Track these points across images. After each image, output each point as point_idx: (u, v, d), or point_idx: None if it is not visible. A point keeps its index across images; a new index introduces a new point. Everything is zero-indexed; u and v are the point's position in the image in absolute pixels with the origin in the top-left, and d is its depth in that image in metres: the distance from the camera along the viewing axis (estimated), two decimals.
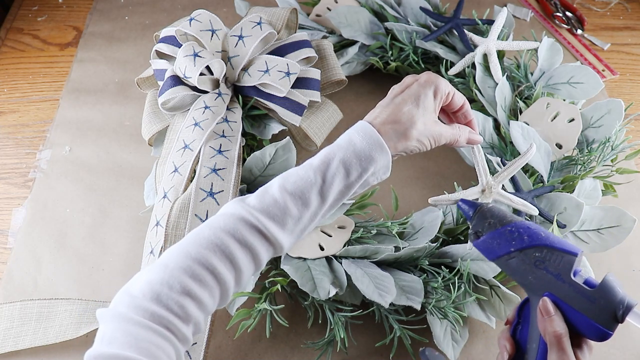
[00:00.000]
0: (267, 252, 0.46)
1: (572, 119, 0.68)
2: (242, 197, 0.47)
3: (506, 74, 0.75)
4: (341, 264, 0.61)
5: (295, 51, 0.71)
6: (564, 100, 0.71)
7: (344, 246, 0.62)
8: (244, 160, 0.65)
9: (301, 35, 0.73)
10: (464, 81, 0.79)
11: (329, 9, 0.85)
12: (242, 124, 0.68)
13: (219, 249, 0.43)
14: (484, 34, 0.81)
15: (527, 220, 0.50)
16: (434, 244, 0.62)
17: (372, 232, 0.64)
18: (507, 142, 0.71)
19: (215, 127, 0.65)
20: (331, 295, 0.57)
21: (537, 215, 0.61)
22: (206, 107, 0.66)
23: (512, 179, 0.65)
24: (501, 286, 0.60)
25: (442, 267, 0.62)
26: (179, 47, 0.68)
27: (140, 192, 0.72)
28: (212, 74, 0.69)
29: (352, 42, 0.84)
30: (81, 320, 0.64)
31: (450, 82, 0.79)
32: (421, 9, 0.83)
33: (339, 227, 0.64)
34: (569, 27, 0.98)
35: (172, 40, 0.70)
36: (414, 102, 0.50)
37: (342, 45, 0.85)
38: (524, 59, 0.77)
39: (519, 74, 0.76)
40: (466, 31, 0.80)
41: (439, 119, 0.53)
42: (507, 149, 0.70)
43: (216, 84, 0.69)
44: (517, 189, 0.64)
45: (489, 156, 0.68)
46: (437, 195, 0.60)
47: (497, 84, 0.74)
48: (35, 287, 0.68)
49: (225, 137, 0.65)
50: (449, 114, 0.56)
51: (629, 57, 0.94)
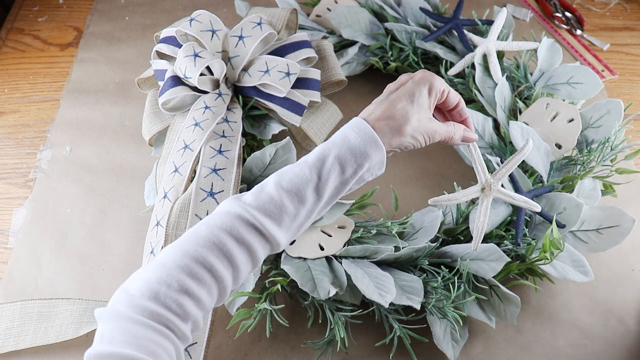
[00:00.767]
0: (264, 249, 0.46)
1: (572, 119, 0.68)
2: (239, 195, 0.47)
3: (506, 74, 0.75)
4: (341, 263, 0.61)
5: (295, 51, 0.71)
6: (564, 100, 0.72)
7: (344, 246, 0.62)
8: (244, 160, 0.65)
9: (301, 35, 0.73)
10: (463, 81, 0.79)
11: (329, 9, 0.85)
12: (242, 124, 0.68)
13: (216, 247, 0.43)
14: (483, 34, 0.81)
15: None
16: (434, 244, 0.62)
17: (372, 232, 0.64)
18: (507, 142, 0.71)
19: (215, 127, 0.65)
20: (331, 295, 0.57)
21: (539, 212, 0.61)
22: (206, 107, 0.66)
23: (512, 179, 0.65)
24: (500, 286, 0.61)
25: (442, 267, 0.62)
26: (179, 48, 0.68)
27: (140, 192, 0.72)
28: (212, 74, 0.69)
29: (352, 43, 0.84)
30: (81, 320, 0.64)
31: (450, 82, 0.79)
32: (421, 9, 0.83)
33: (339, 227, 0.64)
34: (569, 27, 0.98)
35: (172, 40, 0.70)
36: (408, 98, 0.50)
37: (342, 45, 0.85)
38: (523, 60, 0.78)
39: (519, 74, 0.76)
40: (466, 31, 0.80)
41: (434, 117, 0.53)
42: (506, 149, 0.70)
43: (216, 84, 0.69)
44: (517, 189, 0.64)
45: (488, 156, 0.69)
46: (436, 195, 0.60)
47: (496, 84, 0.74)
48: (35, 287, 0.69)
49: (225, 137, 0.65)
50: (444, 113, 0.56)
51: (629, 58, 0.95)
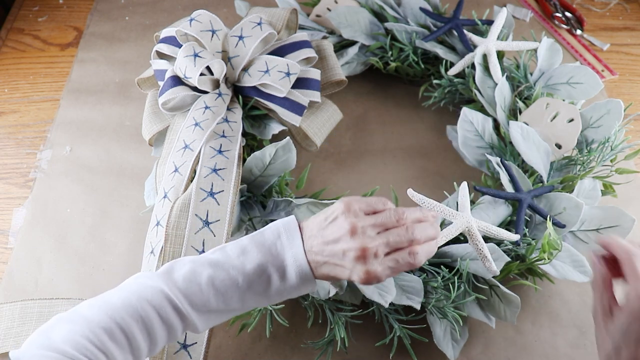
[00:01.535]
0: (183, 329, 0.48)
1: (572, 119, 0.68)
2: (170, 272, 0.48)
3: (506, 74, 0.75)
4: None
5: (295, 51, 0.71)
6: (564, 100, 0.71)
7: None
8: (244, 160, 0.65)
9: (301, 35, 0.73)
10: (463, 81, 0.79)
11: (329, 9, 0.85)
12: (242, 124, 0.68)
13: (142, 320, 0.45)
14: (483, 34, 0.81)
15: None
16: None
17: None
18: (507, 142, 0.71)
19: (215, 127, 0.65)
20: (331, 295, 0.57)
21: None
22: (206, 107, 0.66)
23: (512, 180, 0.65)
24: (500, 286, 0.61)
25: (442, 267, 0.62)
26: (179, 48, 0.68)
27: (140, 192, 0.72)
28: (212, 74, 0.69)
29: (352, 43, 0.84)
30: None
31: (450, 82, 0.79)
32: (421, 9, 0.83)
33: None
34: (569, 27, 0.98)
35: (172, 40, 0.70)
36: (332, 267, 0.48)
37: (342, 45, 0.85)
38: (523, 59, 0.77)
39: (519, 74, 0.76)
40: (466, 31, 0.80)
41: None
42: (506, 149, 0.70)
43: (216, 84, 0.69)
44: (517, 189, 0.64)
45: (488, 156, 0.68)
46: (436, 195, 0.60)
47: (496, 84, 0.74)
48: (35, 287, 0.69)
49: (225, 137, 0.65)
50: None
51: (628, 58, 0.95)
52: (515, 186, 0.64)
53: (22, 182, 0.79)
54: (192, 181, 0.61)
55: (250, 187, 0.66)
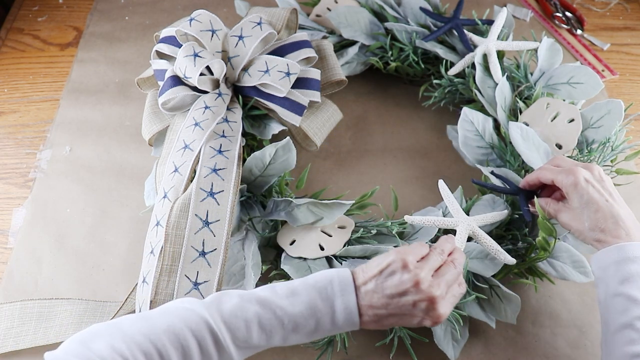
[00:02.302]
0: (220, 359, 0.48)
1: (572, 119, 0.68)
2: (219, 303, 0.48)
3: (506, 74, 0.75)
4: (341, 264, 0.61)
5: (295, 51, 0.71)
6: (564, 100, 0.71)
7: (344, 246, 0.62)
8: (244, 160, 0.65)
9: (301, 35, 0.73)
10: (463, 81, 0.79)
11: (329, 9, 0.85)
12: (242, 124, 0.68)
13: (181, 348, 0.45)
14: (483, 34, 0.81)
15: None
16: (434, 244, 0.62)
17: (372, 232, 0.64)
18: (507, 142, 0.71)
19: (215, 127, 0.65)
20: None
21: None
22: (206, 107, 0.66)
23: (508, 184, 0.65)
24: (501, 285, 0.61)
25: None
26: (179, 48, 0.68)
27: (140, 192, 0.72)
28: (212, 74, 0.69)
29: (352, 42, 0.84)
30: (81, 320, 0.64)
31: (450, 82, 0.79)
32: (421, 9, 0.83)
33: (339, 227, 0.64)
34: (569, 27, 0.98)
35: (172, 40, 0.70)
36: (400, 318, 0.50)
37: (342, 45, 0.85)
38: (523, 59, 0.77)
39: (519, 74, 0.76)
40: (466, 31, 0.80)
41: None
42: (507, 149, 0.70)
43: (216, 84, 0.69)
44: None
45: (479, 166, 0.68)
46: (436, 195, 0.60)
47: (497, 84, 0.74)
48: (35, 287, 0.68)
49: (225, 137, 0.65)
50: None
51: (629, 57, 0.94)
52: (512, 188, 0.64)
53: (22, 182, 0.79)
54: (192, 181, 0.61)
55: (250, 187, 0.66)
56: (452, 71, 0.79)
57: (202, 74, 0.67)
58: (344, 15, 0.82)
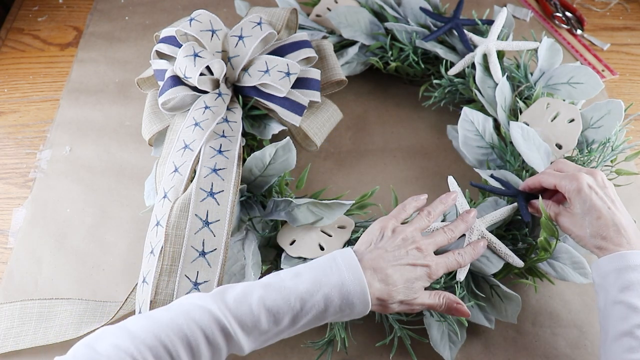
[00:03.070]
0: (229, 351, 0.48)
1: (572, 119, 0.68)
2: (223, 293, 0.48)
3: (506, 74, 0.75)
4: None
5: (295, 51, 0.71)
6: (564, 100, 0.71)
7: (344, 246, 0.62)
8: (244, 160, 0.65)
9: (301, 35, 0.73)
10: (463, 81, 0.79)
11: (329, 9, 0.85)
12: (242, 124, 0.68)
13: (188, 341, 0.45)
14: (483, 34, 0.81)
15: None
16: None
17: None
18: (507, 142, 0.71)
19: (215, 127, 0.65)
20: None
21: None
22: (206, 107, 0.66)
23: (507, 187, 0.64)
24: (500, 285, 0.61)
25: None
26: (179, 48, 0.68)
27: (140, 192, 0.72)
28: (212, 74, 0.69)
29: (352, 42, 0.84)
30: (81, 320, 0.64)
31: (450, 82, 0.79)
32: (421, 9, 0.83)
33: (339, 227, 0.64)
34: (569, 27, 0.98)
35: (172, 40, 0.70)
36: (409, 289, 0.52)
37: (342, 45, 0.85)
38: (523, 59, 0.77)
39: (519, 74, 0.76)
40: (466, 31, 0.80)
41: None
42: (507, 149, 0.70)
43: (216, 84, 0.69)
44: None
45: (478, 170, 0.68)
46: (436, 195, 0.60)
47: (497, 84, 0.74)
48: (35, 287, 0.68)
49: (225, 137, 0.65)
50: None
51: (629, 58, 0.94)
52: (511, 191, 0.64)
53: (22, 182, 0.79)
54: (192, 181, 0.61)
55: (250, 187, 0.66)
56: (452, 71, 0.79)
57: (202, 74, 0.67)
58: (344, 15, 0.82)
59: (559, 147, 0.68)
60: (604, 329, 0.52)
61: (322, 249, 0.62)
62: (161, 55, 0.71)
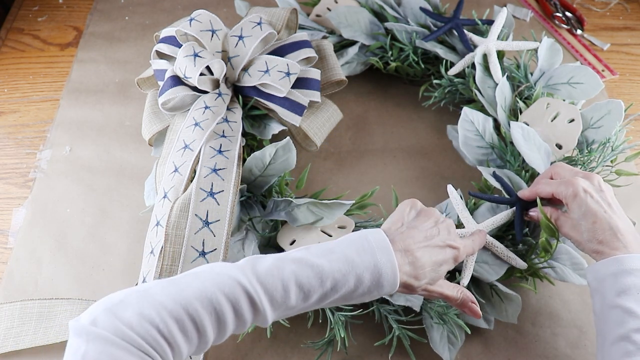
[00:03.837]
0: (254, 321, 0.47)
1: (572, 120, 0.68)
2: (253, 265, 0.46)
3: (506, 74, 0.75)
4: None
5: (295, 51, 0.71)
6: (564, 100, 0.71)
7: None
8: (244, 160, 0.65)
9: (301, 35, 0.73)
10: (463, 81, 0.79)
11: (329, 9, 0.85)
12: (242, 124, 0.68)
13: (215, 313, 0.43)
14: (483, 34, 0.81)
15: None
16: None
17: None
18: (507, 142, 0.71)
19: (215, 127, 0.65)
20: None
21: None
22: (206, 107, 0.66)
23: (506, 190, 0.64)
24: (500, 285, 0.61)
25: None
26: (179, 48, 0.68)
27: (140, 192, 0.72)
28: (212, 74, 0.69)
29: (352, 42, 0.84)
30: None
31: (450, 82, 0.79)
32: (421, 9, 0.83)
33: (339, 227, 0.64)
34: (569, 27, 0.98)
35: (172, 40, 0.70)
36: (435, 271, 0.51)
37: (342, 45, 0.85)
38: (523, 59, 0.77)
39: (519, 74, 0.76)
40: (466, 31, 0.80)
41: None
42: (507, 149, 0.70)
43: (216, 84, 0.69)
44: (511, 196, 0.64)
45: (480, 168, 0.68)
46: (436, 194, 0.60)
47: (497, 84, 0.74)
48: (35, 287, 0.68)
49: (225, 137, 0.65)
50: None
51: (629, 58, 0.94)
52: (510, 194, 0.64)
53: (22, 182, 0.79)
54: (192, 181, 0.61)
55: (250, 187, 0.66)
56: (452, 71, 0.79)
57: (202, 74, 0.67)
58: (344, 15, 0.82)
59: (559, 147, 0.68)
60: (601, 333, 0.51)
61: None
62: (161, 55, 0.71)
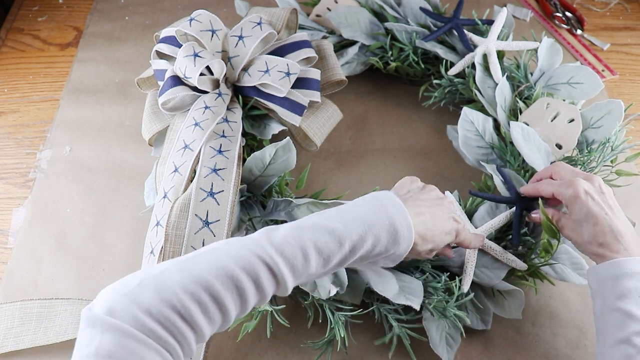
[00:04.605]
0: (275, 292, 0.46)
1: (572, 120, 0.68)
2: (269, 235, 0.45)
3: (506, 74, 0.75)
4: None
5: (295, 51, 0.71)
6: (564, 100, 0.71)
7: None
8: (244, 160, 0.65)
9: (301, 35, 0.73)
10: (463, 81, 0.79)
11: (329, 9, 0.85)
12: (242, 124, 0.68)
13: (235, 287, 0.42)
14: (483, 34, 0.81)
15: None
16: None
17: None
18: (507, 142, 0.71)
19: (215, 127, 0.65)
20: (331, 294, 0.57)
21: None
22: (206, 107, 0.66)
23: (508, 186, 0.64)
24: (499, 283, 0.61)
25: (444, 271, 0.62)
26: (179, 48, 0.68)
27: (140, 192, 0.72)
28: (212, 74, 0.69)
29: (352, 42, 0.84)
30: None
31: (450, 82, 0.79)
32: (421, 9, 0.83)
33: None
34: (569, 27, 0.98)
35: (172, 40, 0.70)
36: (440, 238, 0.53)
37: (342, 45, 0.85)
38: (523, 59, 0.77)
39: (519, 74, 0.76)
40: (466, 31, 0.80)
41: None
42: (507, 149, 0.70)
43: (216, 84, 0.69)
44: (512, 194, 0.64)
45: (484, 164, 0.68)
46: None
47: (497, 84, 0.74)
48: (35, 287, 0.68)
49: (225, 137, 0.65)
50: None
51: (629, 57, 0.94)
52: (511, 192, 0.64)
53: (22, 182, 0.79)
54: (192, 181, 0.61)
55: (250, 187, 0.66)
56: (452, 71, 0.79)
57: (202, 74, 0.67)
58: (344, 15, 0.82)
59: (559, 147, 0.68)
60: (601, 335, 0.51)
61: None
62: (161, 55, 0.71)
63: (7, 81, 0.91)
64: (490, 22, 0.81)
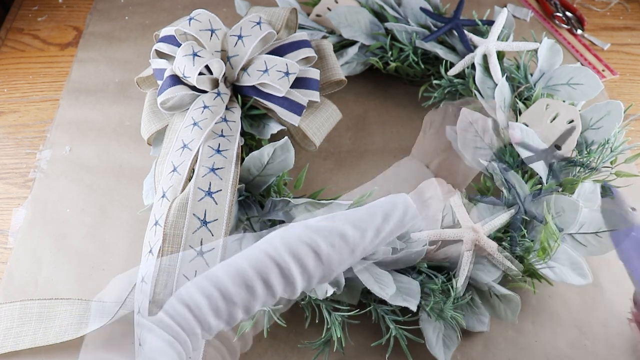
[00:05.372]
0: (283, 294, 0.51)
1: (572, 120, 0.68)
2: (283, 235, 0.52)
3: (506, 74, 0.75)
4: None
5: (294, 51, 0.71)
6: (564, 101, 0.71)
7: None
8: (243, 159, 0.65)
9: (301, 35, 0.73)
10: (463, 82, 0.79)
11: (329, 9, 0.85)
12: (241, 123, 0.68)
13: (246, 287, 0.48)
14: (484, 34, 0.81)
15: None
16: (433, 247, 0.62)
17: None
18: (506, 143, 0.71)
19: (214, 127, 0.65)
20: (329, 294, 0.57)
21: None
22: (205, 107, 0.66)
23: (509, 188, 0.64)
24: (496, 286, 0.60)
25: (441, 271, 0.62)
26: (179, 47, 0.68)
27: (140, 192, 0.72)
28: (211, 73, 0.69)
29: (352, 42, 0.84)
30: (81, 320, 0.64)
31: (450, 82, 0.79)
32: (421, 9, 0.83)
33: None
34: (569, 27, 0.98)
35: (171, 39, 0.70)
36: None
37: (342, 45, 0.85)
38: (523, 60, 0.77)
39: (519, 74, 0.76)
40: (466, 32, 0.80)
41: None
42: (506, 150, 0.70)
43: (215, 84, 0.69)
44: (513, 196, 0.64)
45: (491, 163, 0.68)
46: None
47: (496, 85, 0.74)
48: (35, 287, 0.69)
49: (224, 136, 0.65)
50: None
51: (629, 57, 0.94)
52: (511, 193, 0.64)
53: (22, 182, 0.79)
54: (190, 180, 0.61)
55: (248, 187, 0.66)
56: (452, 71, 0.79)
57: (201, 74, 0.67)
58: (344, 15, 0.82)
59: (558, 148, 0.68)
60: None
61: None
62: (161, 54, 0.71)
63: (7, 81, 0.91)
64: (490, 23, 0.81)
